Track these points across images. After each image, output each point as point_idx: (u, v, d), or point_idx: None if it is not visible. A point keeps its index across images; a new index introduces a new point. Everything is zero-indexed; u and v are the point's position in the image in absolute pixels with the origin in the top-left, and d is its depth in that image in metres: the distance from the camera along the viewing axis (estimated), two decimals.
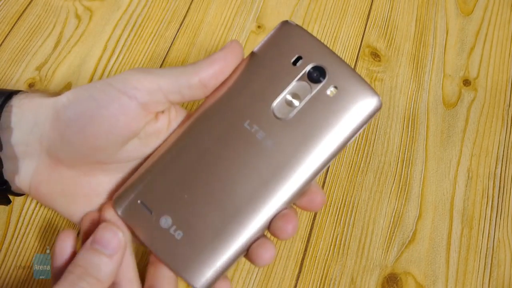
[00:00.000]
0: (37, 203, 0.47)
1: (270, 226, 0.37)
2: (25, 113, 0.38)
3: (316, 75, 0.37)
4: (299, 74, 0.37)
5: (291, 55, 0.37)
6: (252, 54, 0.38)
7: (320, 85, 0.36)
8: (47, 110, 0.37)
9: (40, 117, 0.37)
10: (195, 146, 0.37)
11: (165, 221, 0.36)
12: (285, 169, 0.36)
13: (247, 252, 0.37)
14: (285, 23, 0.38)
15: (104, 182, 0.40)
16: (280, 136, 0.36)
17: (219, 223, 0.36)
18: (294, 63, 0.37)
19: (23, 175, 0.39)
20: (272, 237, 0.47)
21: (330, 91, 0.36)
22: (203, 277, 0.36)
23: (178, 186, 0.37)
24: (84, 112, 0.36)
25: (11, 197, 0.42)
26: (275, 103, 0.36)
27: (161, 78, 0.36)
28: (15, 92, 0.40)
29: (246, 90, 0.37)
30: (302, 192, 0.37)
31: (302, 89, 0.37)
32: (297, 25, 0.38)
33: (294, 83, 0.37)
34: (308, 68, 0.37)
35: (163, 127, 0.39)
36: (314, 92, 0.36)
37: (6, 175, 0.39)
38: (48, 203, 0.40)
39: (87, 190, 0.40)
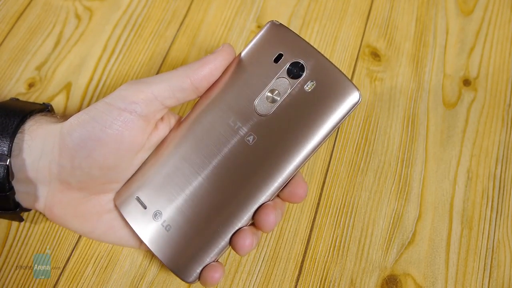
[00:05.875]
0: None
1: (253, 219, 0.38)
2: (34, 140, 0.39)
3: (295, 71, 0.38)
4: (279, 71, 0.38)
5: (273, 53, 0.38)
6: (241, 54, 0.40)
7: (298, 81, 0.38)
8: (53, 138, 0.39)
9: (48, 145, 0.39)
10: (185, 147, 0.39)
11: (158, 216, 0.39)
12: (265, 164, 0.38)
13: (230, 242, 0.38)
14: (270, 23, 0.39)
15: (113, 200, 0.42)
16: (261, 132, 0.38)
17: (204, 217, 0.38)
18: (276, 60, 0.38)
19: (37, 198, 0.40)
20: (272, 237, 0.47)
21: (308, 86, 0.37)
22: (190, 270, 0.38)
23: (169, 183, 0.39)
24: (89, 136, 0.37)
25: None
26: (257, 101, 0.38)
27: (154, 87, 0.37)
28: (27, 115, 0.41)
29: (232, 90, 0.39)
30: (284, 184, 0.38)
31: (282, 85, 0.38)
32: (281, 24, 0.39)
33: (274, 80, 0.38)
34: (288, 64, 0.38)
35: (164, 134, 0.41)
36: (292, 88, 0.38)
37: (20, 196, 0.41)
38: (63, 224, 0.42)
39: (98, 209, 0.41)
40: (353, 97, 0.37)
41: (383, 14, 0.59)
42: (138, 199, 0.40)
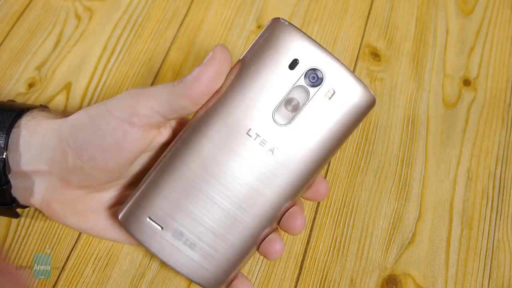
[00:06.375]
0: None
1: (280, 224, 0.38)
2: (32, 136, 0.39)
3: (314, 79, 0.36)
4: (297, 79, 0.36)
5: (287, 59, 0.36)
6: (247, 57, 0.37)
7: (318, 89, 0.36)
8: (53, 135, 0.39)
9: (48, 142, 0.39)
10: (199, 157, 0.37)
11: (177, 234, 0.37)
12: (289, 173, 0.37)
13: (258, 248, 0.39)
14: (277, 22, 0.37)
15: (113, 197, 0.42)
16: (282, 143, 0.36)
17: (229, 229, 0.37)
18: (291, 66, 0.36)
19: (35, 193, 0.40)
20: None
21: (328, 94, 0.36)
22: (221, 282, 0.38)
23: (186, 199, 0.37)
24: (91, 140, 0.37)
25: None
26: (275, 110, 0.36)
27: (155, 102, 0.36)
28: (24, 110, 0.41)
29: (245, 98, 0.36)
30: (307, 188, 0.39)
31: (300, 93, 0.36)
32: (289, 23, 0.36)
33: (292, 88, 0.36)
34: (305, 72, 0.36)
35: (167, 137, 0.40)
36: (312, 96, 0.36)
37: (17, 192, 0.40)
38: (61, 221, 0.41)
39: (97, 206, 0.41)
40: (370, 103, 0.37)
41: (383, 14, 0.59)
42: (152, 219, 0.37)
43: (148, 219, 0.37)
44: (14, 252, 0.45)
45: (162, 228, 0.37)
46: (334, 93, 0.36)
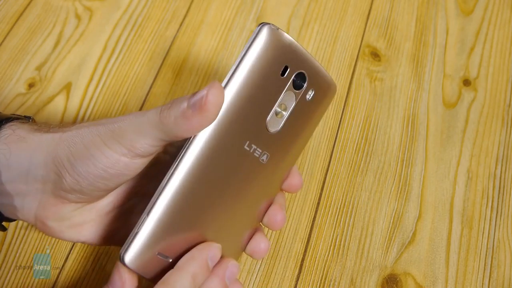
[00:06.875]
0: None
1: (262, 221, 0.39)
2: (14, 152, 0.37)
3: (299, 82, 0.36)
4: (287, 84, 0.36)
5: (279, 66, 0.35)
6: (241, 65, 0.34)
7: (302, 91, 0.36)
8: (43, 155, 0.37)
9: (37, 160, 0.37)
10: (199, 179, 0.35)
11: None
12: (274, 175, 0.38)
13: (245, 249, 0.39)
14: (269, 29, 0.34)
15: (112, 202, 0.40)
16: (272, 149, 0.37)
17: (225, 239, 0.38)
18: (282, 73, 0.35)
19: (25, 210, 0.38)
20: (271, 237, 0.47)
21: (309, 94, 0.37)
22: None
23: (191, 224, 0.36)
24: (91, 172, 0.35)
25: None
26: (268, 118, 0.36)
27: (149, 140, 0.34)
28: (2, 121, 0.39)
29: (241, 111, 0.35)
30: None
31: (288, 98, 0.36)
32: (278, 29, 0.35)
33: (283, 94, 0.36)
34: (293, 76, 0.36)
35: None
36: (297, 99, 0.36)
37: (3, 208, 0.39)
38: (57, 236, 0.39)
39: (94, 215, 0.40)
40: (335, 90, 0.39)
41: (383, 14, 0.59)
42: (161, 254, 0.35)
43: (156, 254, 0.35)
44: (13, 252, 0.45)
45: (168, 257, 0.36)
46: (312, 92, 0.37)
